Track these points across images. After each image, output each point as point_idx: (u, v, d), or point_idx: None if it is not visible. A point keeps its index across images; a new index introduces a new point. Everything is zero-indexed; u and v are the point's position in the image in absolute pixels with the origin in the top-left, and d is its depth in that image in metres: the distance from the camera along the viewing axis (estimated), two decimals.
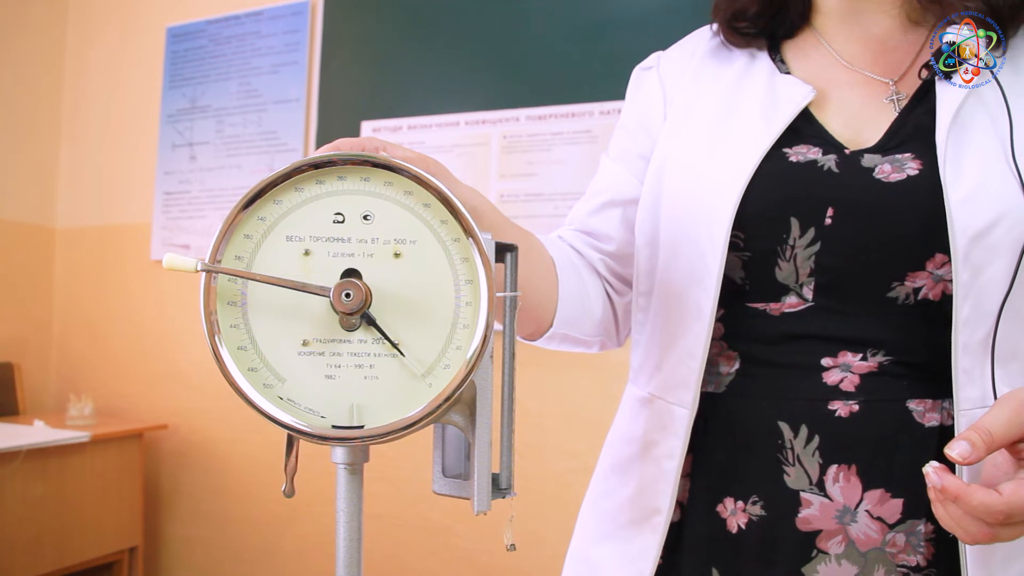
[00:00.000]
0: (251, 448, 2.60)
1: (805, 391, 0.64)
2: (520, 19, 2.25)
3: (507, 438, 0.56)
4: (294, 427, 0.48)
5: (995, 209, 0.59)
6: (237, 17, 2.72)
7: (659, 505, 0.68)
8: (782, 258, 0.65)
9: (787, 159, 0.66)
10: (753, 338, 0.68)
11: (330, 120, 2.53)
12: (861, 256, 0.63)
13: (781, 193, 0.65)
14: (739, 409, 0.67)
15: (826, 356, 0.64)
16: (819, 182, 0.64)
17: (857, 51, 0.72)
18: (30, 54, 2.97)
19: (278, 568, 2.56)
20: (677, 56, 0.80)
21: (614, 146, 0.81)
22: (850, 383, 0.63)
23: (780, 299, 0.66)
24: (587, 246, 0.78)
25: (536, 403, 2.02)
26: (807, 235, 0.64)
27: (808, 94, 0.68)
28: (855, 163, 0.64)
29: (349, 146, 0.52)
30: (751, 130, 0.68)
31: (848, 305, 0.64)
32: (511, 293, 0.57)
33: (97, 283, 2.94)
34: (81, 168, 3.03)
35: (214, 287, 0.49)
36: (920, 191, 0.61)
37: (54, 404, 2.97)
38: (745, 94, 0.72)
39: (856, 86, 0.70)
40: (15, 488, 2.16)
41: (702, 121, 0.72)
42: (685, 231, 0.68)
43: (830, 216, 0.63)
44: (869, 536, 0.61)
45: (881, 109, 0.68)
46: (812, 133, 0.68)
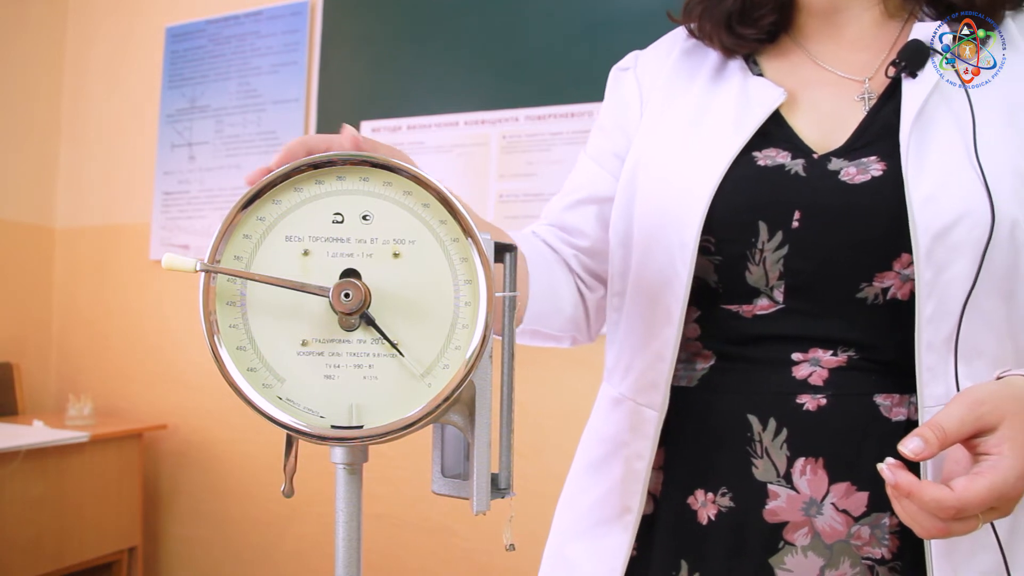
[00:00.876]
0: (251, 448, 2.60)
1: (774, 384, 0.65)
2: (520, 19, 2.25)
3: (506, 438, 0.56)
4: (293, 427, 0.48)
5: (957, 208, 0.59)
6: (236, 17, 2.72)
7: (630, 504, 0.69)
8: (752, 262, 0.66)
9: (755, 163, 0.67)
10: (727, 339, 0.69)
11: (329, 120, 2.52)
12: (828, 258, 0.63)
13: (749, 197, 0.66)
14: (710, 403, 0.68)
15: (796, 352, 0.65)
16: (786, 186, 0.65)
17: (831, 50, 0.72)
18: (30, 54, 2.97)
19: (278, 568, 2.56)
20: (653, 57, 0.81)
21: (592, 144, 0.82)
22: (819, 377, 0.64)
23: (752, 301, 0.67)
24: (561, 242, 0.79)
25: (536, 403, 2.02)
26: (775, 238, 0.65)
27: (779, 97, 0.69)
28: (822, 167, 0.65)
29: (320, 142, 0.51)
30: (722, 133, 0.69)
31: (818, 306, 0.65)
32: (510, 293, 0.57)
33: (96, 283, 2.94)
34: (80, 168, 3.02)
35: (213, 287, 0.49)
36: (884, 192, 0.62)
37: (53, 404, 2.97)
38: (718, 96, 0.73)
39: (828, 86, 0.71)
40: (15, 488, 2.16)
41: (675, 123, 0.73)
42: (656, 234, 0.69)
43: (797, 219, 0.64)
44: (835, 528, 0.62)
45: (852, 109, 0.69)
46: (781, 137, 0.68)
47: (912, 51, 0.65)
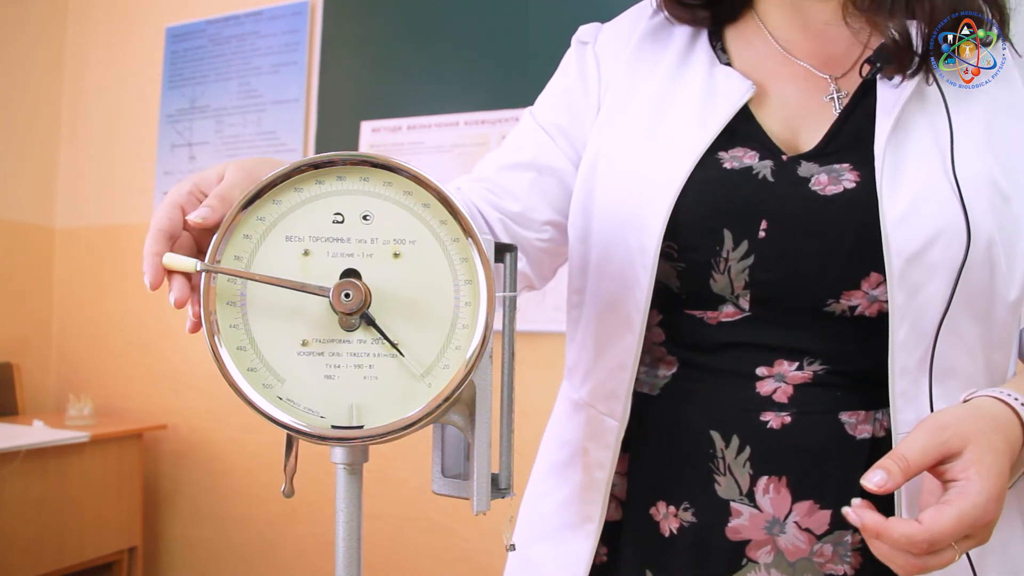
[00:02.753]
0: (251, 448, 2.60)
1: (738, 400, 0.63)
2: (520, 19, 2.25)
3: (506, 438, 0.56)
4: (293, 427, 0.48)
5: (932, 227, 0.57)
6: (237, 17, 2.72)
7: (591, 513, 0.68)
8: (716, 270, 0.63)
9: (721, 166, 0.64)
10: (691, 345, 0.67)
11: (330, 120, 2.52)
12: (795, 272, 0.61)
13: (714, 203, 0.63)
14: (672, 415, 0.67)
15: (761, 365, 0.63)
16: (753, 192, 0.62)
17: (797, 39, 0.68)
18: (30, 54, 2.97)
19: (278, 568, 2.56)
20: (615, 34, 0.76)
21: (541, 111, 0.77)
22: (783, 394, 0.62)
23: (717, 308, 0.65)
24: (488, 204, 0.74)
25: (536, 403, 2.02)
26: (740, 247, 0.62)
27: (747, 91, 0.65)
28: (791, 171, 0.62)
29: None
30: (686, 130, 0.66)
31: (784, 317, 0.63)
32: (510, 293, 0.57)
33: (96, 283, 2.94)
34: (80, 168, 3.02)
35: (213, 287, 0.49)
36: (857, 207, 0.59)
37: (53, 404, 2.97)
38: (683, 86, 0.69)
39: (796, 80, 0.67)
40: (15, 488, 2.16)
41: (637, 116, 0.69)
42: (616, 237, 0.66)
43: (764, 229, 0.62)
44: (797, 547, 0.61)
45: (820, 109, 0.66)
46: (749, 134, 0.65)
47: (889, 51, 0.61)
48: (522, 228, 0.74)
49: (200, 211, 0.49)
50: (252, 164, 0.54)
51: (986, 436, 0.50)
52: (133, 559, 2.58)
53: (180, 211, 0.51)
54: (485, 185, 0.74)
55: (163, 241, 0.49)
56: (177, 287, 0.49)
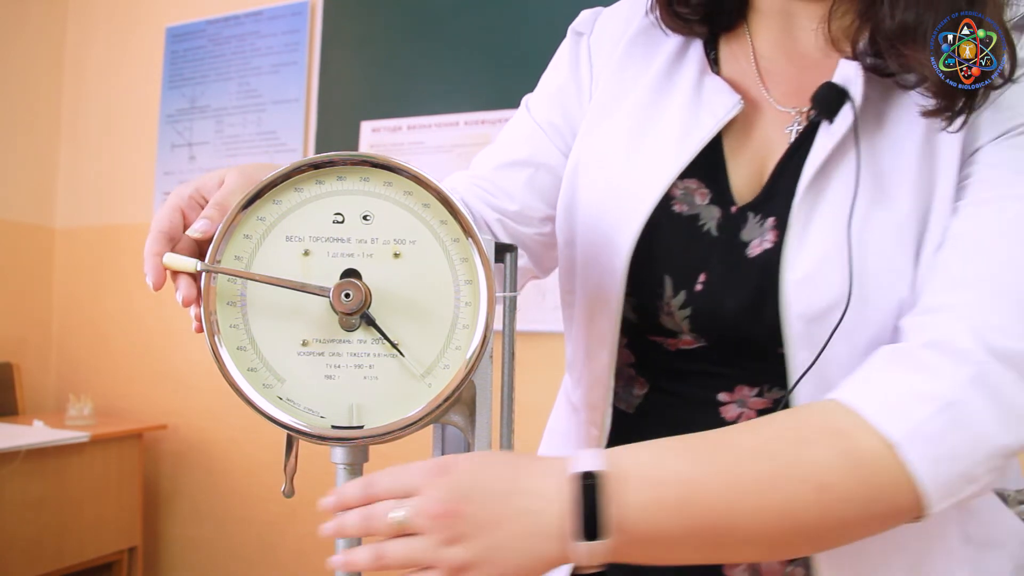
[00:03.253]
0: (251, 448, 2.60)
1: (703, 425, 0.63)
2: (520, 19, 2.25)
3: (507, 438, 0.56)
4: (293, 427, 0.48)
5: (830, 295, 0.55)
6: (237, 17, 2.72)
7: None
8: (663, 312, 0.64)
9: (671, 209, 0.63)
10: (658, 369, 0.68)
11: (330, 120, 2.52)
12: (729, 324, 0.61)
13: (661, 250, 0.63)
14: (646, 435, 0.67)
15: (722, 391, 0.63)
16: (696, 246, 0.62)
17: (779, 64, 0.65)
18: (30, 54, 2.97)
19: (278, 568, 2.56)
20: (611, 25, 0.74)
21: (537, 106, 0.76)
22: (746, 419, 0.62)
23: (675, 336, 0.65)
24: (484, 204, 0.73)
25: (536, 403, 2.01)
26: (679, 296, 0.63)
27: (733, 107, 0.63)
28: (734, 229, 0.62)
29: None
30: (664, 150, 0.64)
31: (736, 355, 0.62)
32: (510, 293, 0.57)
33: (96, 283, 2.94)
34: (80, 168, 3.02)
35: (214, 287, 0.49)
36: (770, 270, 0.58)
37: (53, 404, 2.97)
38: (669, 95, 0.67)
39: (766, 109, 0.65)
40: (15, 488, 2.16)
41: (620, 126, 0.68)
42: (593, 255, 0.67)
43: (701, 283, 0.62)
44: (770, 568, 0.62)
45: (778, 143, 0.64)
46: (709, 171, 0.64)
47: (825, 94, 0.58)
48: (521, 226, 0.74)
49: (199, 224, 0.50)
50: (253, 169, 0.54)
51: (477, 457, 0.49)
52: (133, 559, 2.58)
53: (181, 214, 0.52)
54: (481, 185, 0.74)
55: (163, 242, 0.50)
56: (184, 286, 0.50)
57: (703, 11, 0.67)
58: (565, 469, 0.46)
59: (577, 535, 0.45)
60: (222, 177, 0.54)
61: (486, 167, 0.76)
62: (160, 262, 0.49)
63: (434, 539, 0.45)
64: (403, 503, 0.46)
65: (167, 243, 0.51)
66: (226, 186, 0.53)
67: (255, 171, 0.53)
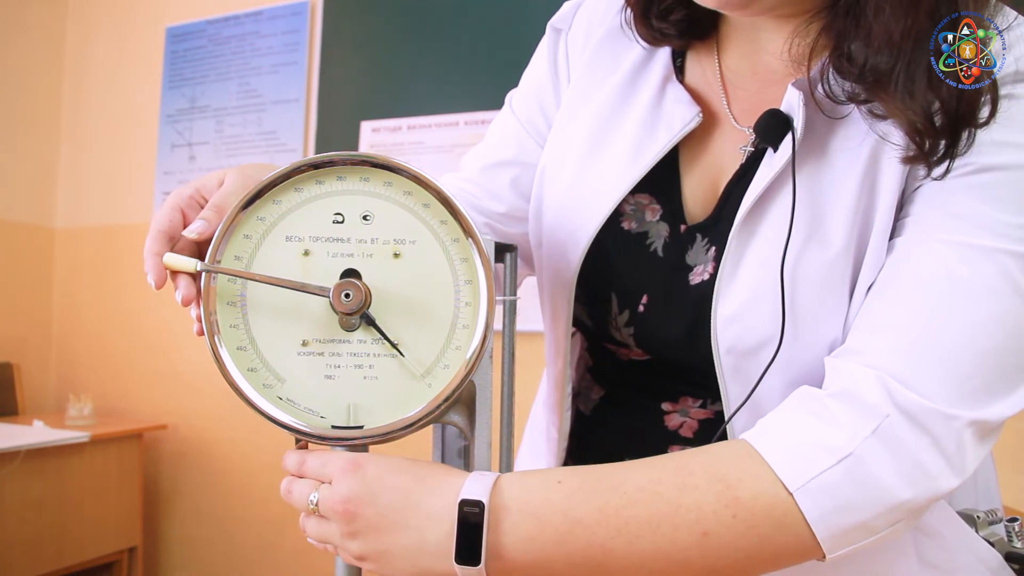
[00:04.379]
0: (251, 448, 2.60)
1: (649, 434, 0.64)
2: (520, 19, 2.25)
3: (506, 438, 0.56)
4: (293, 427, 0.48)
5: (764, 330, 0.55)
6: (237, 17, 2.71)
7: None
8: (611, 325, 0.65)
9: (620, 226, 0.63)
10: (610, 376, 0.69)
11: (330, 120, 2.52)
12: (668, 346, 0.62)
13: (608, 267, 0.63)
14: (599, 440, 0.69)
15: (667, 401, 0.64)
16: (641, 266, 0.62)
17: (743, 78, 0.64)
18: (30, 54, 2.97)
19: (278, 568, 2.56)
20: (587, 22, 0.71)
21: (520, 105, 0.76)
22: (689, 429, 0.63)
23: (627, 347, 0.65)
24: (472, 208, 0.72)
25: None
26: (624, 315, 0.63)
27: (690, 120, 0.61)
28: (681, 250, 0.61)
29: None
30: (620, 162, 0.63)
31: (680, 369, 0.63)
32: (511, 297, 0.57)
33: (97, 283, 2.94)
34: (81, 168, 3.02)
35: (214, 287, 0.49)
36: (705, 301, 0.58)
37: (53, 404, 2.97)
38: (631, 102, 0.66)
39: (723, 124, 0.64)
40: (15, 488, 2.16)
41: (582, 132, 0.67)
42: (550, 268, 0.67)
43: (644, 303, 0.62)
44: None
45: (731, 163, 0.62)
46: (662, 186, 0.63)
47: (768, 121, 0.56)
48: (510, 226, 0.74)
49: (196, 225, 0.51)
50: (253, 170, 0.54)
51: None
52: (133, 559, 2.58)
53: (180, 214, 0.52)
54: (468, 188, 0.74)
55: (163, 242, 0.50)
56: (184, 285, 0.50)
57: (683, 27, 0.64)
58: (457, 492, 0.48)
59: (457, 558, 0.47)
60: (222, 178, 0.54)
61: (473, 168, 0.76)
62: (160, 261, 0.50)
63: (338, 528, 0.49)
64: (319, 489, 0.50)
65: (167, 243, 0.51)
66: (225, 187, 0.53)
67: (255, 172, 0.54)
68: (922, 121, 0.49)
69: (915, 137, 0.50)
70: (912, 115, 0.49)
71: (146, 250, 0.50)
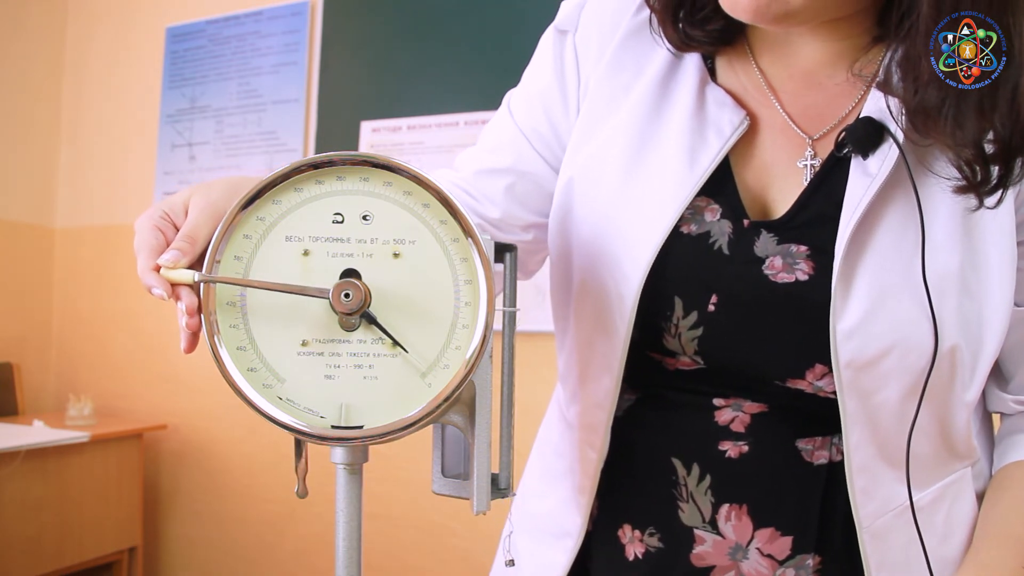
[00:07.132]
0: (251, 448, 2.60)
1: (697, 429, 0.63)
2: (520, 19, 2.25)
3: (506, 438, 0.56)
4: (293, 427, 0.48)
5: (886, 339, 0.54)
6: (237, 17, 2.72)
7: (570, 529, 0.69)
8: (668, 333, 0.63)
9: (679, 231, 0.62)
10: (650, 382, 0.67)
11: (330, 120, 2.52)
12: (741, 349, 0.60)
13: (668, 271, 0.61)
14: (636, 440, 0.67)
15: (718, 397, 0.63)
16: (707, 265, 0.61)
17: (783, 80, 0.63)
18: (30, 54, 2.97)
19: (278, 568, 2.56)
20: (598, 21, 0.68)
21: (519, 111, 0.73)
22: (740, 423, 0.62)
23: (675, 356, 0.64)
24: (468, 209, 0.71)
25: (536, 403, 2.02)
26: (690, 317, 0.61)
27: (740, 124, 0.61)
28: (748, 244, 0.60)
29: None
30: (671, 169, 0.62)
31: (737, 379, 0.62)
32: (510, 308, 0.57)
33: (96, 283, 2.94)
34: (80, 168, 3.02)
35: (214, 288, 0.49)
36: (806, 302, 0.57)
37: (53, 404, 2.97)
38: (669, 108, 0.64)
39: (773, 129, 0.63)
40: (15, 488, 2.16)
41: (617, 141, 0.65)
42: (595, 276, 0.64)
43: (713, 303, 0.61)
44: (760, 572, 0.62)
45: (791, 172, 0.62)
46: (718, 187, 0.62)
47: (861, 130, 0.56)
48: (504, 233, 0.72)
49: (169, 255, 0.49)
50: (218, 195, 0.52)
51: None
52: (133, 559, 2.58)
53: (160, 232, 0.51)
54: (463, 188, 0.73)
55: (155, 258, 0.49)
56: (185, 296, 0.49)
57: (717, 35, 0.64)
58: None
59: None
60: (186, 202, 0.52)
61: (468, 170, 0.74)
62: (160, 275, 0.49)
63: None
64: None
65: (157, 257, 0.50)
66: (192, 220, 0.51)
67: (220, 197, 0.52)
68: (973, 152, 0.50)
69: (963, 169, 0.51)
70: (963, 148, 0.50)
71: (141, 270, 0.49)
